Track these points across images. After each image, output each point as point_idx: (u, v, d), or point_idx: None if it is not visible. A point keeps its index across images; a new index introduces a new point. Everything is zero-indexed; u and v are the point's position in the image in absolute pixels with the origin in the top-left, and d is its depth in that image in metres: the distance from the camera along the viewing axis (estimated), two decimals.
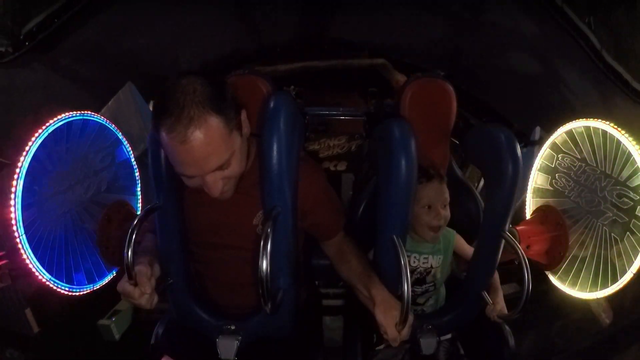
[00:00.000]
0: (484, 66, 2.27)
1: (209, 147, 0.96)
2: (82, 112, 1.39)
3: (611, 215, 1.35)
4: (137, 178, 1.66)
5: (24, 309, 1.45)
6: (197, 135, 0.93)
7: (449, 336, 1.47)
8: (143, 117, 1.98)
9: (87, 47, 1.58)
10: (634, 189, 1.28)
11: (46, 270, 1.25)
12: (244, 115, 1.08)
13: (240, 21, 2.40)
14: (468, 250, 1.52)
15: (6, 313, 1.44)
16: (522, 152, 1.28)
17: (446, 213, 1.39)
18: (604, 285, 1.35)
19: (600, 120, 1.38)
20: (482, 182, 2.04)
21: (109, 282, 1.49)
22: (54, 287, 1.28)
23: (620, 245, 1.32)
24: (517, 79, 2.28)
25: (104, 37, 1.79)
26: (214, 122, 0.95)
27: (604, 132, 1.36)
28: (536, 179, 1.64)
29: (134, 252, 1.03)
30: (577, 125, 1.46)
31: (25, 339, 1.49)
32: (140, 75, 2.08)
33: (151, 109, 1.43)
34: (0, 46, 1.37)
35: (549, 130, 1.42)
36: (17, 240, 1.18)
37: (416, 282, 1.47)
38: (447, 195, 1.40)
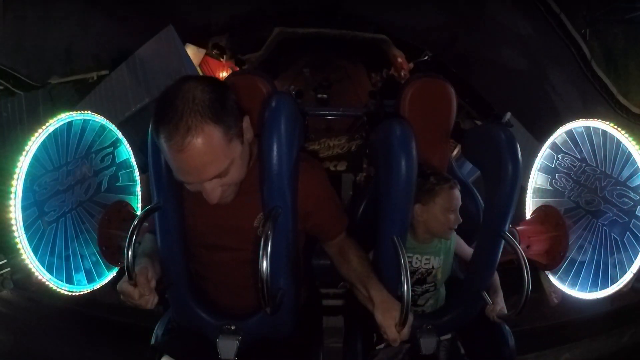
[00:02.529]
0: (475, 55, 2.35)
1: (207, 157, 0.95)
2: (82, 112, 1.39)
3: (611, 215, 1.35)
4: (137, 178, 1.66)
5: None
6: (195, 144, 0.93)
7: (448, 336, 1.47)
8: (182, 55, 2.11)
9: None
10: (634, 189, 1.28)
11: (46, 270, 1.25)
12: (246, 122, 1.06)
13: None
14: (467, 250, 1.52)
15: None
16: None
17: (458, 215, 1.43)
18: (604, 285, 1.35)
19: (600, 120, 1.38)
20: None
21: (108, 282, 1.49)
22: (54, 287, 1.28)
23: (620, 245, 1.32)
24: (506, 72, 2.37)
25: None
26: (212, 131, 0.94)
27: (604, 132, 1.36)
28: (536, 179, 1.64)
29: (134, 253, 1.03)
30: (577, 125, 1.47)
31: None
32: (176, 22, 2.15)
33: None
34: None
35: (527, 124, 1.45)
36: (17, 240, 1.18)
37: (416, 282, 1.47)
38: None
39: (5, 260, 1.52)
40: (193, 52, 2.71)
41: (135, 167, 1.66)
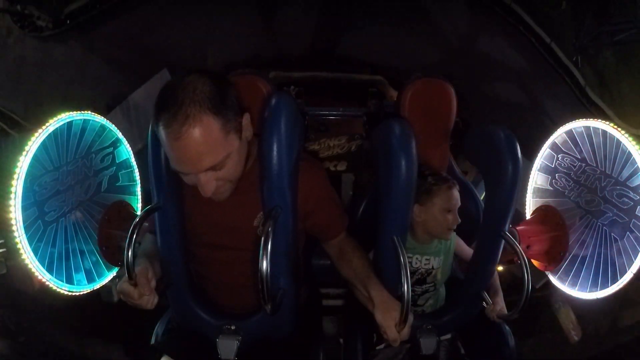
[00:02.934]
0: (471, 91, 2.38)
1: (203, 147, 0.96)
2: (83, 112, 1.39)
3: (611, 215, 1.35)
4: (137, 178, 1.66)
5: None
6: (192, 133, 0.93)
7: (448, 336, 1.47)
8: None
9: (123, 35, 1.67)
10: (634, 189, 1.28)
11: (46, 270, 1.25)
12: (246, 119, 1.07)
13: (262, 30, 2.59)
14: (467, 251, 1.52)
15: None
16: None
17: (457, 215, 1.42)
18: (604, 286, 1.35)
19: (600, 120, 1.38)
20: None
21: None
22: (55, 287, 1.28)
23: (620, 245, 1.32)
24: (502, 105, 2.41)
25: (140, 28, 1.88)
26: (210, 122, 0.95)
27: (604, 132, 1.36)
28: (536, 179, 1.64)
29: (134, 253, 1.03)
30: (577, 125, 1.46)
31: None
32: (170, 68, 2.15)
33: None
34: (41, 21, 1.41)
35: (526, 154, 1.49)
36: (17, 240, 1.18)
37: (416, 283, 1.47)
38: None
39: (2, 241, 1.51)
40: None
41: (135, 167, 1.66)
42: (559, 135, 1.54)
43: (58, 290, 1.29)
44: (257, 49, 2.74)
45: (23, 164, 1.19)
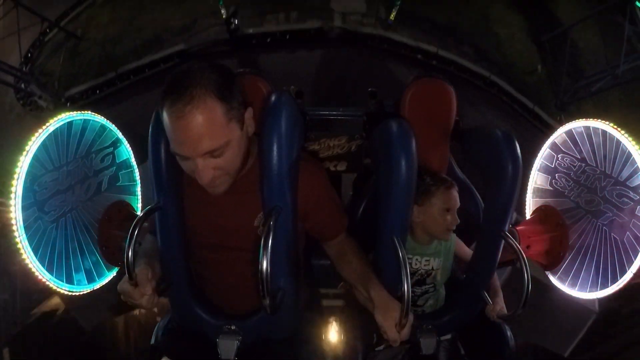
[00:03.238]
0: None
1: (203, 129, 0.97)
2: (83, 112, 1.39)
3: (611, 215, 1.35)
4: (137, 178, 1.66)
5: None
6: (194, 113, 0.95)
7: (449, 336, 1.47)
8: None
9: (119, 122, 1.65)
10: (633, 189, 1.28)
11: (46, 270, 1.25)
12: (249, 113, 1.08)
13: None
14: (467, 252, 1.52)
15: None
16: None
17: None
18: (604, 285, 1.35)
19: (600, 120, 1.38)
20: None
21: (108, 282, 1.49)
22: (55, 287, 1.28)
23: (620, 245, 1.32)
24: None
25: (136, 116, 1.85)
26: (214, 105, 0.97)
27: (604, 132, 1.37)
28: (536, 179, 1.64)
29: (134, 253, 1.03)
30: (577, 125, 1.47)
31: None
32: None
33: None
34: (42, 101, 1.44)
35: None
36: (18, 240, 1.18)
37: (416, 283, 1.47)
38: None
39: None
40: None
41: (136, 167, 1.66)
42: (558, 135, 1.54)
43: (58, 290, 1.30)
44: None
45: (23, 163, 1.19)
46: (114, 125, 1.55)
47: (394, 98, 1.67)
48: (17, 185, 1.18)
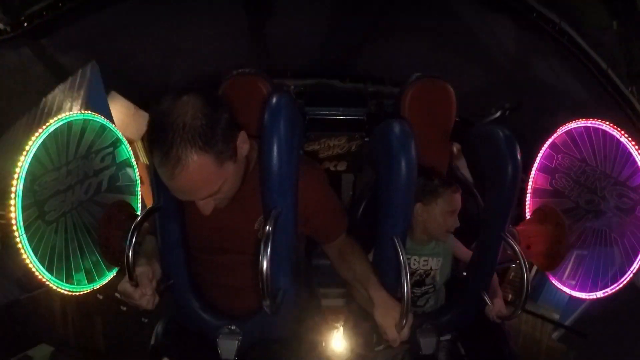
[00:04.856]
0: (531, 127, 2.17)
1: (198, 183, 0.97)
2: (83, 112, 1.39)
3: (611, 215, 1.35)
4: (137, 178, 1.66)
5: None
6: (184, 175, 0.94)
7: (448, 336, 1.47)
8: (89, 101, 1.80)
9: (77, 42, 1.57)
10: (633, 189, 1.28)
11: (46, 271, 1.25)
12: (241, 137, 1.05)
13: (251, 42, 2.30)
14: (465, 252, 1.52)
15: None
16: None
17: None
18: (604, 286, 1.35)
19: (600, 120, 1.38)
20: None
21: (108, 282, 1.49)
22: (55, 287, 1.28)
23: (620, 245, 1.32)
24: None
25: (96, 35, 1.77)
26: (203, 159, 0.94)
27: (604, 132, 1.37)
28: (536, 179, 1.64)
29: (134, 253, 1.03)
30: (577, 125, 1.47)
31: None
32: (123, 80, 2.00)
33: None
34: (1, 24, 1.37)
35: None
36: (18, 240, 1.18)
37: (415, 284, 1.47)
38: None
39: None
40: (120, 104, 2.20)
41: (136, 166, 1.66)
42: (558, 135, 1.54)
43: (58, 289, 1.30)
44: (238, 60, 2.30)
45: (23, 163, 1.19)
46: (113, 125, 1.55)
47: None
48: (17, 185, 1.18)
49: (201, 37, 2.13)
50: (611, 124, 1.34)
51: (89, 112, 1.42)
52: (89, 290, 1.41)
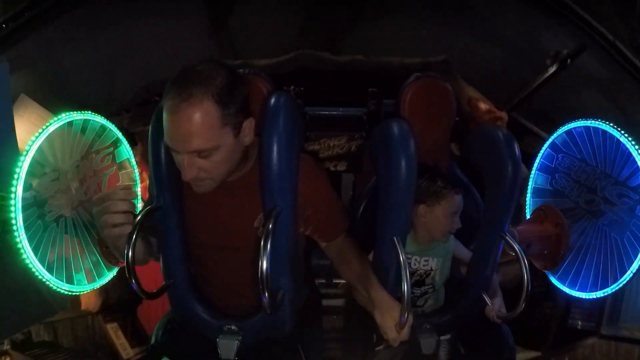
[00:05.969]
0: (555, 107, 2.08)
1: (195, 127, 0.97)
2: (83, 111, 1.39)
3: (611, 215, 1.35)
4: (137, 178, 1.66)
5: None
6: (189, 111, 0.95)
7: (448, 336, 1.47)
8: None
9: (21, 60, 1.54)
10: (633, 189, 1.28)
11: (46, 271, 1.25)
12: (249, 122, 1.07)
13: (211, 37, 2.15)
14: (465, 253, 1.52)
15: None
16: None
17: None
18: (604, 285, 1.35)
19: (600, 120, 1.38)
20: None
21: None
22: (55, 287, 1.28)
23: (620, 245, 1.32)
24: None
25: (39, 51, 1.72)
26: (209, 108, 0.97)
27: (604, 132, 1.37)
28: (536, 179, 1.64)
29: (134, 253, 1.03)
30: (577, 125, 1.47)
31: None
32: (66, 96, 1.86)
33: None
34: None
35: None
36: (18, 240, 1.18)
37: (415, 284, 1.47)
38: None
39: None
40: (31, 109, 1.83)
41: (136, 166, 1.66)
42: (558, 135, 1.54)
43: (58, 290, 1.30)
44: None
45: (23, 163, 1.19)
46: (114, 125, 1.55)
47: None
48: (17, 185, 1.18)
49: (153, 39, 2.03)
50: (612, 124, 1.34)
51: (89, 112, 1.42)
52: (89, 290, 1.41)
